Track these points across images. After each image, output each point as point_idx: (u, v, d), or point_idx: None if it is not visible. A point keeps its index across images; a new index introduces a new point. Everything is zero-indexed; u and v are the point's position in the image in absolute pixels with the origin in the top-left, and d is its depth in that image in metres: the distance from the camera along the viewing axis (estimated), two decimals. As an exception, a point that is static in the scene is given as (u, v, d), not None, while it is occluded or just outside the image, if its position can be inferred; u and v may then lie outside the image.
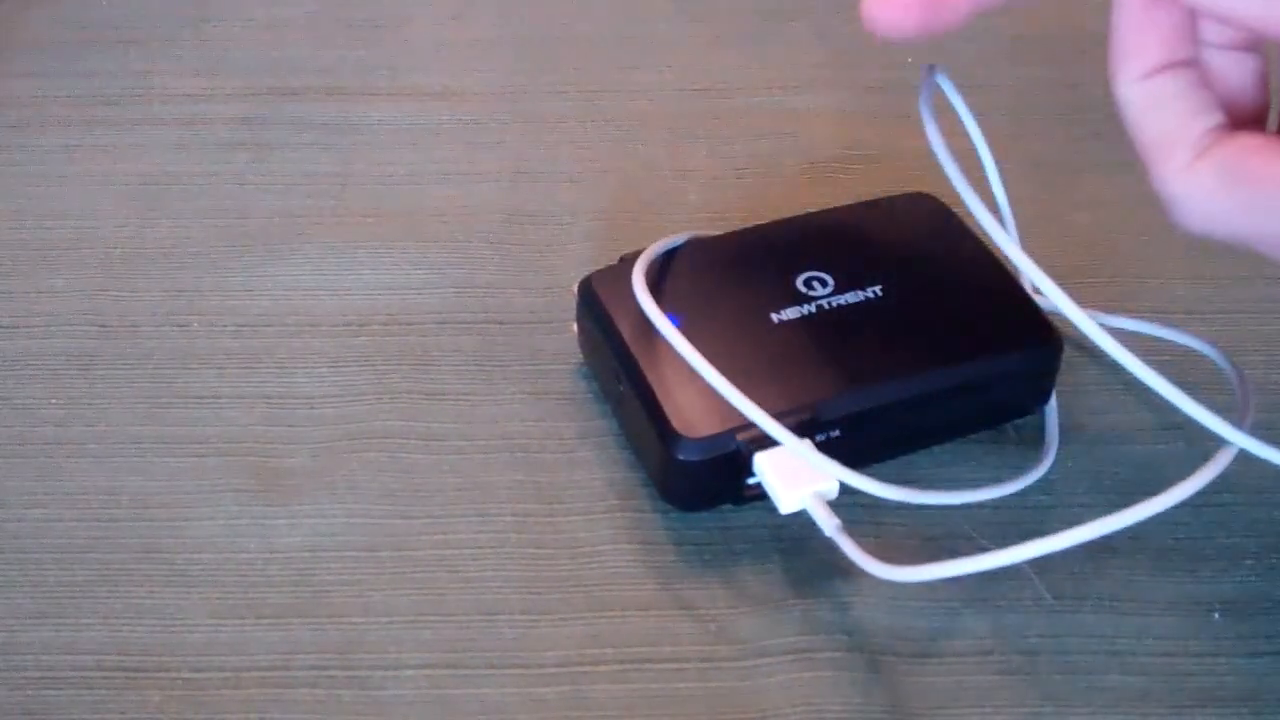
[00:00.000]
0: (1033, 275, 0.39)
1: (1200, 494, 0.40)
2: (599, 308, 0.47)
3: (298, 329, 0.52)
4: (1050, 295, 0.39)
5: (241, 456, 0.47)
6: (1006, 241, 0.40)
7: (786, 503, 0.43)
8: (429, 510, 0.46)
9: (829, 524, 0.42)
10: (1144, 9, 0.35)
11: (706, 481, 0.44)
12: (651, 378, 0.44)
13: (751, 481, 0.44)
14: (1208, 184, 0.34)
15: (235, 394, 0.49)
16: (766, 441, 0.43)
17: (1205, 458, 0.41)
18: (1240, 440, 0.40)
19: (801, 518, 0.43)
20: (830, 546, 0.42)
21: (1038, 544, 0.40)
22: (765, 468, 0.43)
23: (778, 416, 0.43)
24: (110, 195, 0.57)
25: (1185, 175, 0.34)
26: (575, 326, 0.49)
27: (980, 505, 0.45)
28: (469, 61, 0.65)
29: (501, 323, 0.52)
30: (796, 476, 0.43)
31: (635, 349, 0.45)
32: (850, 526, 0.42)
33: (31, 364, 0.51)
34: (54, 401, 0.49)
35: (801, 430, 0.43)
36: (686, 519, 0.45)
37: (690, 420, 0.43)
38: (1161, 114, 0.35)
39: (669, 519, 0.45)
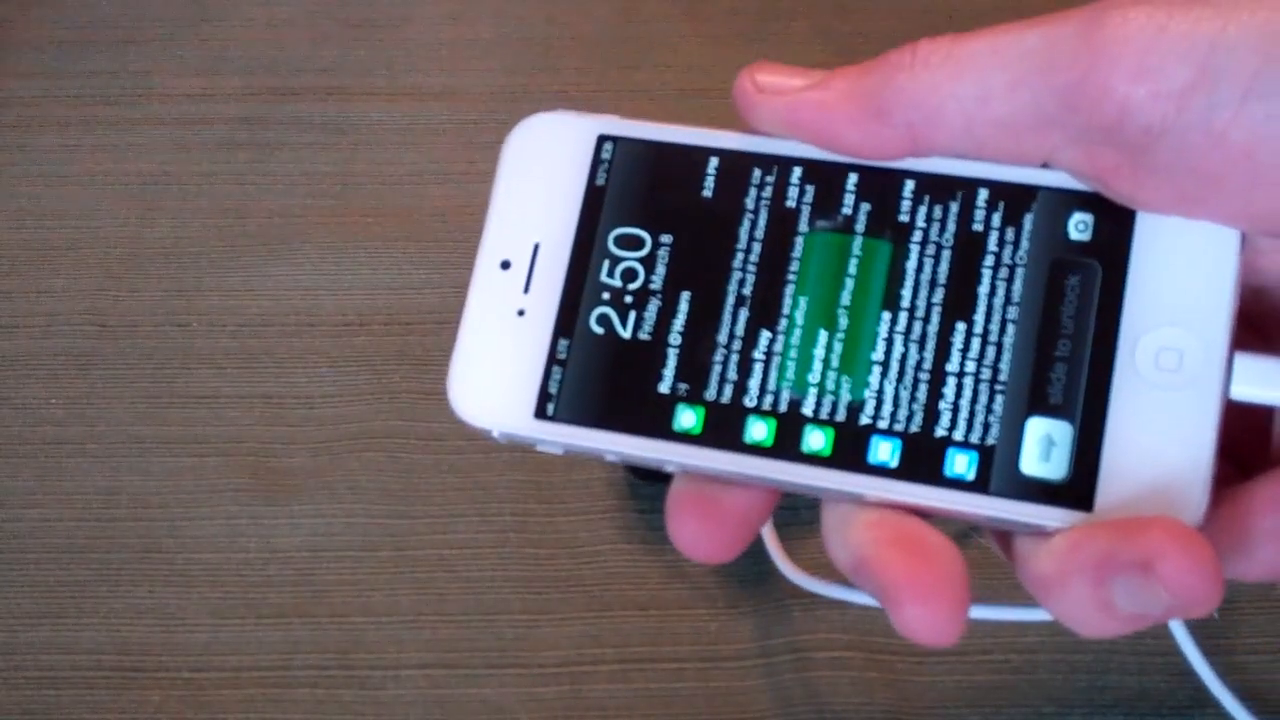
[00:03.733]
0: None
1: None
2: None
3: (297, 329, 0.52)
4: None
5: (241, 456, 0.47)
6: None
7: None
8: (429, 510, 0.46)
9: None
10: None
11: None
12: None
13: None
14: None
15: (235, 394, 0.49)
16: None
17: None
18: None
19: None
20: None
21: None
22: None
23: None
24: (110, 195, 0.57)
25: None
26: None
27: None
28: (469, 61, 0.65)
29: (501, 323, 0.52)
30: None
31: None
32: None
33: (31, 364, 0.51)
34: (54, 401, 0.49)
35: None
36: (686, 519, 0.45)
37: None
38: None
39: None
